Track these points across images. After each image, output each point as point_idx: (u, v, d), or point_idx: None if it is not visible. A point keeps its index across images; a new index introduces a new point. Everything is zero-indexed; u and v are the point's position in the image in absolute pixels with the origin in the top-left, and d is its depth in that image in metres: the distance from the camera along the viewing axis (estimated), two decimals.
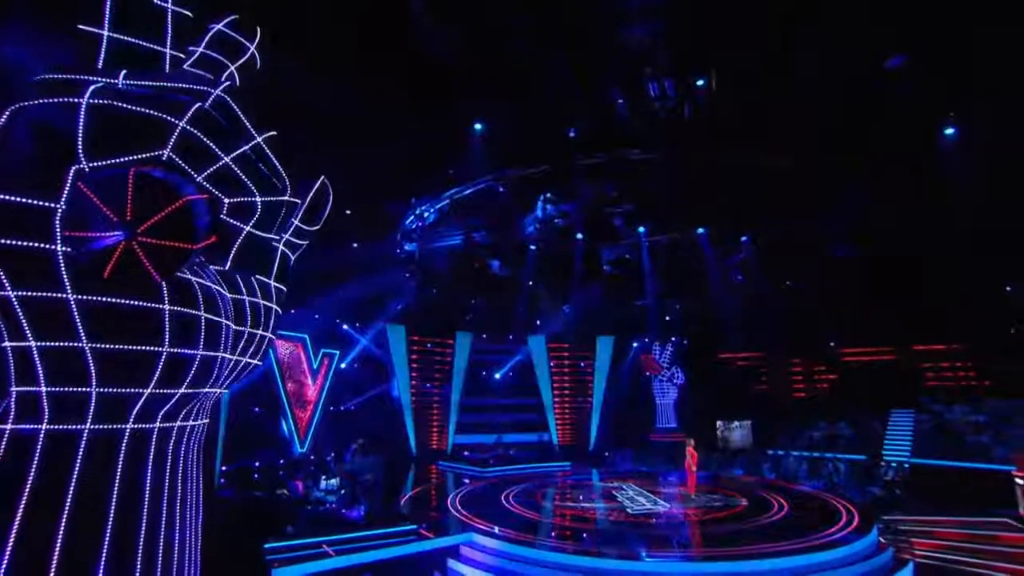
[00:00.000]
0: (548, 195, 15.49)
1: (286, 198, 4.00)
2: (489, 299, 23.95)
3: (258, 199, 3.84)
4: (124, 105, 3.40)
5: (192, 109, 3.53)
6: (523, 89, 12.10)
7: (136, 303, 3.39)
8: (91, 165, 3.26)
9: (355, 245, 16.92)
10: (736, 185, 15.53)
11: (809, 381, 25.02)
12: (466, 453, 23.01)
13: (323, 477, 14.03)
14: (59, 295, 3.24)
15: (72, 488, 3.35)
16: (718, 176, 14.91)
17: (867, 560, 10.78)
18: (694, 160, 14.40)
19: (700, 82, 11.95)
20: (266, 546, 11.28)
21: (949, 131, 12.89)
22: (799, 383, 25.05)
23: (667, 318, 26.85)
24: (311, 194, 4.81)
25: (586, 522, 13.03)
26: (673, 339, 25.66)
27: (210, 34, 4.98)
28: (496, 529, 12.46)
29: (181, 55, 4.38)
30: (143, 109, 3.42)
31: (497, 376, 27.20)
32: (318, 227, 5.19)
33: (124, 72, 3.68)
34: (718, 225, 17.98)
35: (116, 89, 3.50)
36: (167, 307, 3.48)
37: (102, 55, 3.97)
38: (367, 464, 15.01)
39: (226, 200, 3.72)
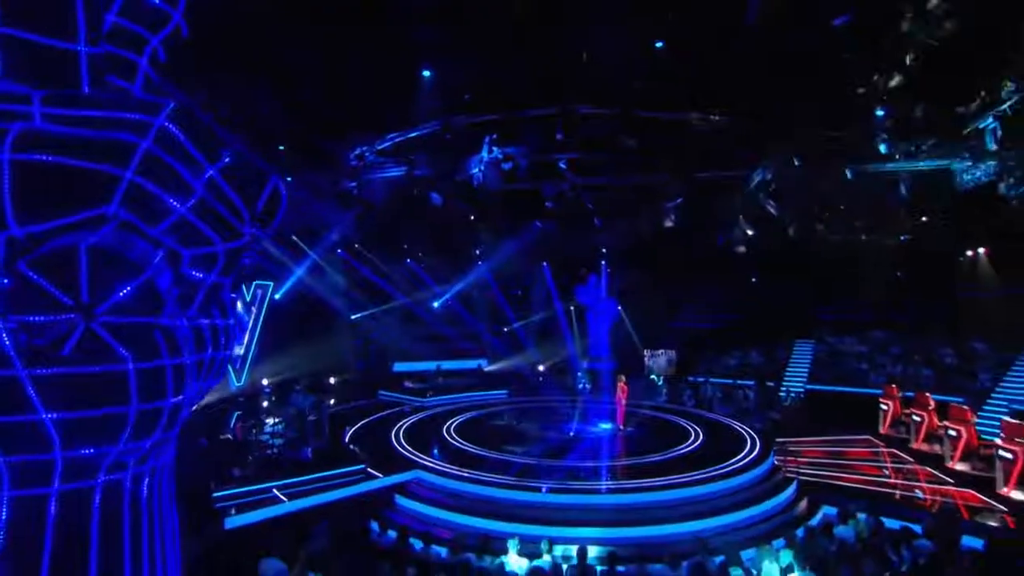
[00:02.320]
0: (494, 136, 15.02)
1: (247, 240, 3.71)
2: (430, 230, 23.60)
3: (220, 247, 3.56)
4: (56, 159, 2.92)
5: (139, 154, 3.11)
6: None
7: (97, 368, 3.19)
8: (25, 232, 2.86)
9: (288, 179, 15.84)
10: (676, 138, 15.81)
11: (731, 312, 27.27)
12: (407, 383, 23.63)
13: (268, 421, 14.09)
14: (9, 373, 2.98)
15: (47, 544, 3.30)
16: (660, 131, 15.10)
17: (764, 483, 12.68)
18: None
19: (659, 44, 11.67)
20: (215, 494, 11.37)
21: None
22: (720, 315, 27.29)
23: (603, 250, 27.72)
24: (262, 201, 4.45)
25: (524, 454, 14.07)
26: (608, 271, 26.77)
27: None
28: (440, 465, 13.26)
29: (100, 51, 3.74)
30: (80, 162, 2.96)
31: (436, 304, 27.51)
32: (272, 230, 4.88)
33: (41, 95, 3.12)
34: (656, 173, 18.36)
35: (39, 131, 2.98)
36: (132, 366, 3.31)
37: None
38: (311, 403, 15.14)
39: (187, 254, 3.43)
